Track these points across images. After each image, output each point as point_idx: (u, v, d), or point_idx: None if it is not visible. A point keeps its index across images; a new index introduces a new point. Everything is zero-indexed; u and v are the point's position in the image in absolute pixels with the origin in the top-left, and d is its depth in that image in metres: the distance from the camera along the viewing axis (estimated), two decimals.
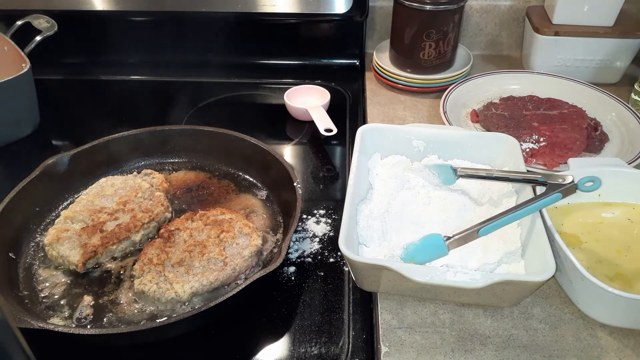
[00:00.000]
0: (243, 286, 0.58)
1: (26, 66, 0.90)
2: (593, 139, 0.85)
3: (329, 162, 0.92)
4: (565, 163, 0.78)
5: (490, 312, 0.61)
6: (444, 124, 0.88)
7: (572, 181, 0.60)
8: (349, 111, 1.04)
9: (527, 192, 0.65)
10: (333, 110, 0.99)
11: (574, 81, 0.98)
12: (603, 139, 0.86)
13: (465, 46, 1.11)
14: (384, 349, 0.57)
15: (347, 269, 0.69)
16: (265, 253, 0.71)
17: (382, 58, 1.07)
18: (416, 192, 0.70)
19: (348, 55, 1.19)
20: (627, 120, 0.88)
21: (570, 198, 0.63)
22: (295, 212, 0.68)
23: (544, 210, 0.61)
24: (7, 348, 0.28)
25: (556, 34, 1.01)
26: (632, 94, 0.92)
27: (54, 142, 1.00)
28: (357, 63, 1.19)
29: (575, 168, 0.68)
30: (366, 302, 0.66)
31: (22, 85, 0.90)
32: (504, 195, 0.69)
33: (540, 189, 0.62)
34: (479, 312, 0.61)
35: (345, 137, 0.96)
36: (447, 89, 0.97)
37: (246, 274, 0.66)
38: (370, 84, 1.09)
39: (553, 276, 0.53)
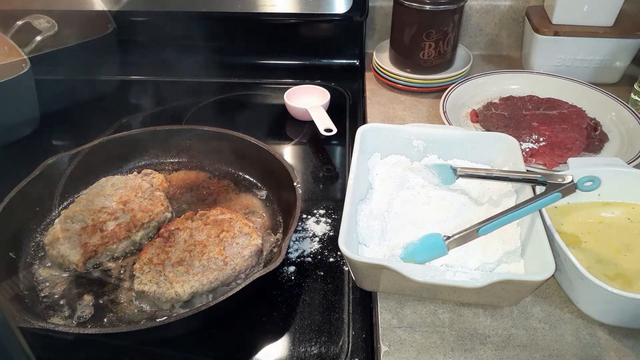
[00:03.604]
0: (243, 285, 0.58)
1: (26, 66, 0.90)
2: (593, 138, 0.85)
3: (329, 162, 0.92)
4: (565, 163, 0.78)
5: (490, 312, 0.61)
6: (444, 124, 0.88)
7: (572, 181, 0.60)
8: (349, 111, 1.04)
9: (526, 191, 0.65)
10: (333, 110, 0.99)
11: (573, 81, 0.98)
12: (603, 138, 0.86)
13: (465, 46, 1.11)
14: (383, 348, 0.57)
15: (347, 268, 0.69)
16: (265, 253, 0.71)
17: (382, 58, 1.07)
18: (416, 192, 0.70)
19: (348, 55, 1.19)
20: (626, 120, 0.88)
21: (570, 198, 0.63)
22: (295, 212, 0.68)
23: (543, 210, 0.61)
24: (7, 348, 0.28)
25: (556, 34, 1.01)
26: (632, 94, 0.92)
27: (54, 142, 1.00)
28: (357, 63, 1.19)
29: (575, 168, 0.68)
30: (366, 302, 0.66)
31: (22, 85, 0.90)
32: (503, 195, 0.69)
33: (539, 189, 0.62)
34: (479, 311, 0.61)
35: (345, 137, 0.96)
36: (447, 89, 0.97)
37: (246, 273, 0.67)
38: (370, 84, 1.09)
39: (552, 276, 0.53)
